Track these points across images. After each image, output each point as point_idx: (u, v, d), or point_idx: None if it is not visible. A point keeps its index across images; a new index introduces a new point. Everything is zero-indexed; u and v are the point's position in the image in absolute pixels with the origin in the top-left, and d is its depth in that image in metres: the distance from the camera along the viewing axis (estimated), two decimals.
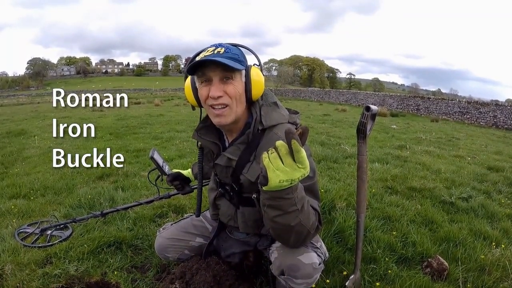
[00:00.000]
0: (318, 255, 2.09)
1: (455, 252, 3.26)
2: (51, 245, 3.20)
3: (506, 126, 23.50)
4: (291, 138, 1.40)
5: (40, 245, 3.21)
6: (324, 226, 3.47)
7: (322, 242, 2.28)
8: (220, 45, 1.93)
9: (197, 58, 1.91)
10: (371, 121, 2.19)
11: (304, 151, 1.44)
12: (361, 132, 2.22)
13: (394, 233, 3.59)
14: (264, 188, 1.57)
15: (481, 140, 13.24)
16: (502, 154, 9.28)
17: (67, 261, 2.94)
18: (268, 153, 1.47)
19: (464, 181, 5.75)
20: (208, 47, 1.95)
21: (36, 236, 3.37)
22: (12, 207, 4.26)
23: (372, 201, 4.47)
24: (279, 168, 1.46)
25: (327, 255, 2.25)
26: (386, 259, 3.09)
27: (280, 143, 1.44)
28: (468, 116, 26.58)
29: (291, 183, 1.53)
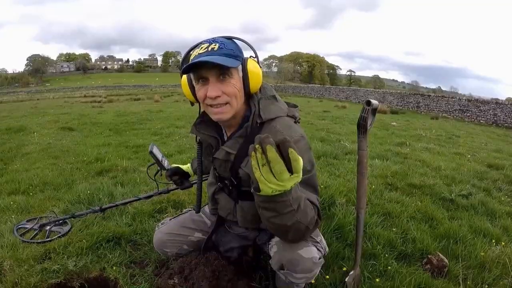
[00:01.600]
0: (318, 250, 2.10)
1: (455, 249, 3.26)
2: (50, 240, 3.19)
3: (506, 124, 23.34)
4: (288, 147, 1.37)
5: (38, 241, 3.19)
6: (323, 222, 3.51)
7: (322, 237, 2.28)
8: (214, 40, 1.90)
9: (191, 56, 1.91)
10: (372, 116, 2.16)
11: (301, 159, 1.42)
12: (362, 127, 2.18)
13: (394, 229, 3.60)
14: (257, 193, 1.56)
15: (481, 138, 13.17)
16: (502, 152, 9.23)
17: (65, 256, 2.93)
18: (259, 165, 1.41)
19: (464, 178, 5.75)
20: (201, 43, 1.92)
21: (35, 232, 3.36)
22: (11, 203, 4.22)
23: (372, 197, 4.49)
24: (272, 182, 1.44)
25: (327, 249, 2.25)
26: (386, 255, 3.09)
27: (274, 157, 1.38)
28: (468, 114, 26.49)
29: (284, 191, 1.52)
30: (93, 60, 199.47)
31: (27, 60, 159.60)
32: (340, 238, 3.35)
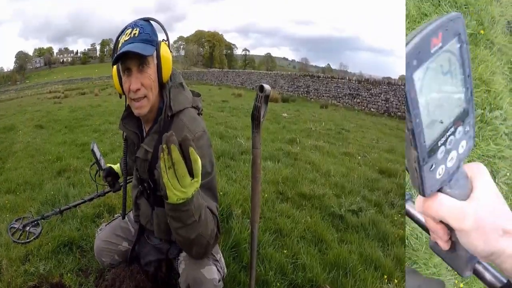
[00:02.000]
0: (218, 270, 1.92)
1: (345, 282, 2.95)
2: (29, 241, 2.87)
3: (399, 113, 19.95)
4: (188, 146, 1.27)
5: (23, 242, 2.86)
6: (222, 236, 3.25)
7: (222, 255, 2.11)
8: (135, 24, 1.75)
9: (119, 44, 1.77)
10: (265, 105, 1.82)
11: (200, 161, 1.32)
12: (256, 119, 1.79)
13: (285, 251, 3.27)
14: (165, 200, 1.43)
15: (372, 132, 12.09)
16: (395, 153, 8.36)
17: (38, 259, 2.90)
18: (166, 168, 1.28)
19: (354, 187, 5.22)
20: (126, 29, 1.77)
21: (20, 232, 2.98)
22: (6, 202, 4.21)
23: (265, 208, 4.13)
24: (177, 188, 1.33)
25: (225, 270, 2.07)
26: (278, 284, 2.84)
27: (178, 159, 1.27)
28: (358, 100, 23.32)
29: (186, 199, 1.40)
30: (55, 54, 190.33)
31: (15, 57, 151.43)
32: (237, 258, 3.10)
